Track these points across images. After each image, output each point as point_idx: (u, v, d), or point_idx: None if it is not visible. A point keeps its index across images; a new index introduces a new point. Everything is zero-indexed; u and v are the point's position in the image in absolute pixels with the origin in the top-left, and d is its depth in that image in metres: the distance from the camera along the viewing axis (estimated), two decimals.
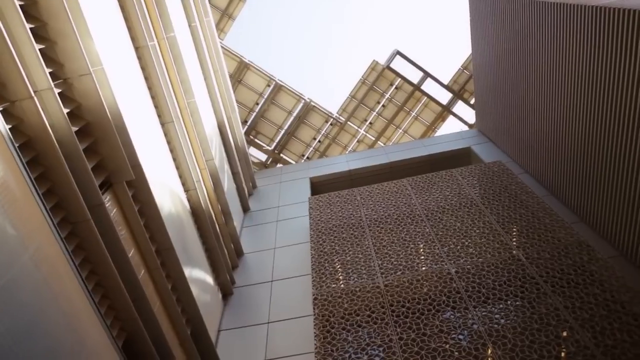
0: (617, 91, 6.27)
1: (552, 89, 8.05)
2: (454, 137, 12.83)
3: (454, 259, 6.89)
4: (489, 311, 5.85)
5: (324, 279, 6.98)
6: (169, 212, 5.66)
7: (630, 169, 6.28)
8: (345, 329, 6.01)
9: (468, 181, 9.06)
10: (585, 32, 6.73)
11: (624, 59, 5.98)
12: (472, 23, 11.71)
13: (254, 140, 15.34)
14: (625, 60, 5.96)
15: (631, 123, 6.07)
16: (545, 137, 8.69)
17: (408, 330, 5.76)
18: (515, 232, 7.35)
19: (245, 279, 7.89)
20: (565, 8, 7.14)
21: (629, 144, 6.21)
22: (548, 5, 7.67)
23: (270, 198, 10.94)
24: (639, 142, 6.00)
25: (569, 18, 7.12)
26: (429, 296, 6.26)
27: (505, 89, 10.24)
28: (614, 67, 6.24)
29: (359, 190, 9.50)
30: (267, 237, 9.15)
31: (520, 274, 6.30)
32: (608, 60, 6.34)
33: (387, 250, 7.40)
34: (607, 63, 6.37)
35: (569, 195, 8.19)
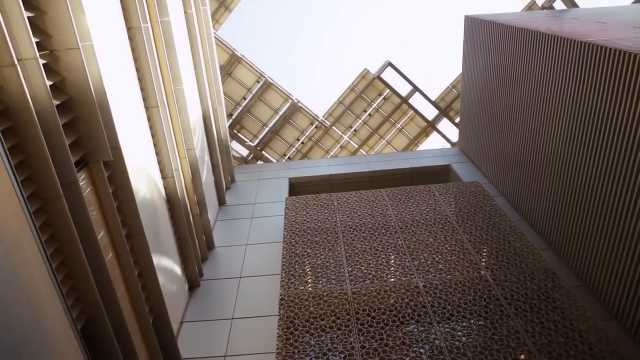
0: (593, 127, 6.44)
1: (532, 118, 8.22)
2: (435, 153, 12.98)
3: (423, 273, 6.95)
4: (451, 328, 5.92)
5: (292, 281, 6.97)
6: (143, 198, 5.58)
7: (599, 205, 6.45)
8: (308, 332, 6.00)
9: (445, 198, 9.17)
10: (569, 65, 6.90)
11: (604, 94, 6.14)
12: (465, 44, 11.88)
13: (237, 135, 15.24)
14: (604, 96, 6.12)
15: (603, 159, 6.24)
16: (522, 164, 8.87)
17: (371, 339, 5.79)
18: (485, 252, 7.46)
19: (213, 273, 7.81)
20: (553, 40, 7.31)
21: (600, 181, 6.38)
22: (537, 35, 7.83)
23: (248, 194, 10.87)
24: (608, 180, 6.17)
25: (555, 50, 7.28)
26: (394, 307, 6.30)
27: (489, 113, 10.42)
28: (593, 102, 6.41)
29: (336, 195, 9.52)
30: (240, 232, 9.10)
31: (485, 295, 6.39)
32: (588, 95, 6.50)
33: (358, 258, 7.42)
34: (587, 98, 6.53)
35: (540, 223, 8.36)
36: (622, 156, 5.92)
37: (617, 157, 6.03)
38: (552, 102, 7.61)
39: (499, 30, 9.57)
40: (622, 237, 6.05)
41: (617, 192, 6.08)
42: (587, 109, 6.61)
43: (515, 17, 10.34)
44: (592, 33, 7.30)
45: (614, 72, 5.96)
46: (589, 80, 6.51)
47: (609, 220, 6.30)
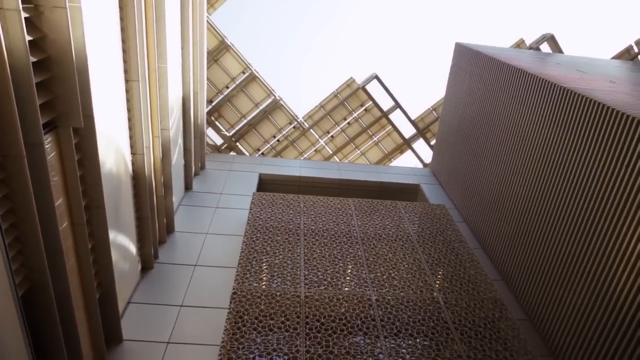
0: (557, 169, 6.66)
1: (503, 152, 8.45)
2: (407, 171, 13.16)
3: (377, 286, 7.02)
4: (397, 344, 5.99)
5: (247, 276, 6.92)
6: (109, 170, 5.44)
7: (552, 246, 6.67)
8: (256, 330, 5.97)
9: (409, 216, 9.30)
10: (545, 106, 7.13)
11: (572, 139, 6.37)
12: (452, 70, 12.12)
13: (214, 122, 15.06)
14: (573, 141, 6.35)
15: (563, 202, 6.46)
16: (488, 195, 9.09)
17: (317, 345, 5.80)
18: (440, 275, 7.59)
19: (169, 257, 7.68)
20: (534, 79, 7.54)
21: (557, 222, 6.60)
22: (519, 72, 8.06)
23: (216, 183, 10.76)
24: (565, 223, 6.39)
25: (534, 89, 7.51)
26: (345, 317, 6.34)
27: (464, 140, 10.64)
28: (561, 145, 6.63)
29: (304, 198, 9.52)
30: (203, 220, 8.98)
31: (435, 316, 6.50)
32: (558, 137, 6.73)
33: (316, 263, 7.43)
34: (556, 140, 6.76)
35: (496, 254, 8.58)
36: (579, 202, 6.14)
37: (575, 202, 6.25)
38: (523, 139, 7.83)
39: (485, 61, 9.80)
40: (570, 279, 6.27)
41: (571, 236, 6.30)
42: (555, 151, 6.84)
43: (503, 52, 10.62)
44: (571, 80, 7.57)
45: (585, 120, 6.19)
46: (561, 124, 6.74)
47: (560, 261, 6.52)
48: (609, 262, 5.57)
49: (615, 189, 5.56)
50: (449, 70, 12.24)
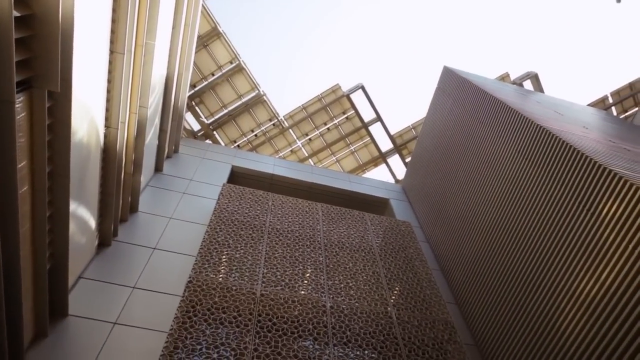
0: (522, 203, 6.85)
1: (473, 180, 8.63)
2: (379, 184, 13.28)
3: (334, 294, 7.04)
4: (345, 354, 6.02)
5: (205, 266, 6.84)
6: (79, 140, 5.30)
7: (507, 275, 6.84)
8: (206, 322, 5.90)
9: (375, 229, 9.38)
10: (519, 140, 7.33)
11: (539, 176, 6.56)
12: (437, 92, 12.32)
13: (194, 107, 14.86)
14: (539, 178, 6.54)
15: (522, 236, 6.64)
16: (453, 219, 9.25)
17: (266, 344, 5.77)
18: (396, 291, 7.68)
19: (129, 237, 7.52)
20: (513, 113, 7.74)
21: (514, 256, 6.77)
22: (500, 104, 8.26)
23: (187, 169, 10.61)
24: (521, 257, 6.57)
25: (511, 122, 7.71)
26: (297, 319, 6.33)
27: (437, 163, 10.82)
28: (528, 180, 6.83)
29: (273, 196, 9.48)
30: (168, 204, 8.83)
31: (386, 330, 6.57)
32: (526, 172, 6.92)
33: (276, 262, 7.41)
34: (524, 174, 6.95)
35: (453, 278, 8.74)
36: (538, 238, 6.32)
37: (534, 237, 6.43)
38: (494, 170, 8.02)
39: (469, 89, 10.00)
40: (521, 312, 6.43)
41: (526, 270, 6.48)
42: (522, 186, 7.03)
43: (488, 83, 10.86)
44: (548, 120, 7.80)
45: (555, 160, 6.38)
46: (532, 160, 6.93)
47: (513, 294, 6.69)
48: (559, 300, 5.75)
49: (573, 230, 5.74)
50: (434, 92, 12.43)
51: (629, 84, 17.24)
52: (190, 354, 5.42)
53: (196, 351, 5.47)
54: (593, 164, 5.68)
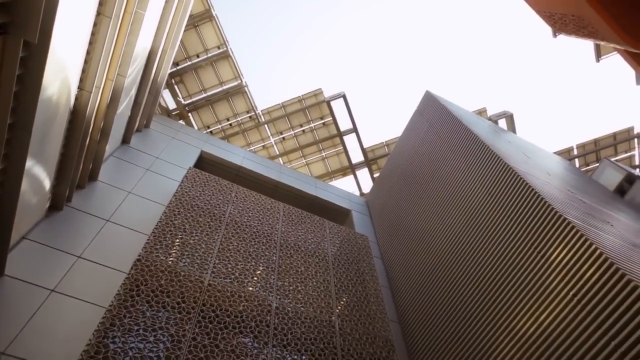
0: (476, 236, 7.04)
1: (434, 205, 8.81)
2: (343, 194, 13.36)
3: (281, 295, 7.03)
4: (283, 356, 6.01)
5: (157, 247, 6.70)
6: (49, 97, 5.11)
7: (454, 305, 7.00)
8: (148, 303, 5.78)
9: (332, 237, 9.42)
10: (486, 175, 7.53)
11: (500, 214, 6.76)
12: (415, 114, 12.52)
13: (173, 86, 14.60)
14: (499, 215, 6.74)
15: (475, 267, 6.82)
16: (408, 241, 9.41)
17: (205, 335, 5.70)
18: (343, 302, 7.73)
19: (83, 204, 7.29)
20: (484, 148, 7.95)
21: (463, 286, 6.95)
22: (474, 138, 8.47)
23: (155, 146, 10.38)
24: (470, 287, 6.74)
25: (481, 157, 7.92)
26: (241, 315, 6.28)
27: (403, 183, 10.99)
28: (488, 215, 7.02)
29: (237, 188, 9.40)
30: (130, 178, 8.62)
31: (327, 339, 6.60)
32: (486, 208, 7.12)
33: (229, 255, 7.34)
34: (486, 209, 7.15)
35: (401, 297, 8.86)
36: (488, 272, 6.50)
37: (484, 271, 6.61)
38: (456, 200, 8.21)
39: (447, 117, 10.21)
40: (462, 341, 6.59)
41: (473, 302, 6.64)
42: (480, 218, 7.22)
43: (465, 114, 11.12)
44: (516, 161, 8.05)
45: (516, 201, 6.59)
46: (493, 196, 7.13)
47: (457, 323, 6.84)
48: (497, 334, 5.92)
49: (522, 270, 5.93)
50: (413, 114, 12.64)
51: (594, 139, 18.01)
52: (126, 334, 5.29)
53: (133, 331, 5.34)
54: (550, 210, 5.89)
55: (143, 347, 5.25)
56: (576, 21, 5.78)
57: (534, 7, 6.34)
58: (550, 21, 6.33)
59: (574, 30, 6.19)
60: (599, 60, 13.46)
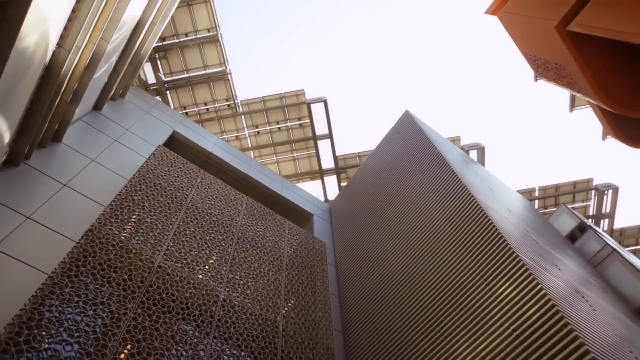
0: (429, 259, 7.18)
1: (393, 224, 8.93)
2: (309, 197, 13.37)
3: (231, 288, 6.97)
4: (222, 349, 5.95)
5: (112, 220, 6.54)
6: (24, 48, 4.93)
7: (400, 324, 7.10)
8: (94, 276, 5.62)
9: (290, 239, 9.41)
10: (449, 202, 7.70)
11: (455, 242, 6.91)
12: (391, 131, 12.67)
13: (156, 60, 14.31)
14: (454, 243, 6.90)
15: (421, 289, 6.95)
16: (364, 254, 9.50)
17: (147, 316, 5.58)
18: (291, 304, 7.72)
19: (42, 164, 7.03)
20: (452, 176, 8.12)
21: (410, 306, 7.06)
22: (443, 163, 8.65)
23: (128, 117, 10.14)
24: (417, 309, 6.86)
25: (447, 184, 8.09)
26: (187, 302, 6.19)
27: (368, 197, 11.10)
28: (442, 241, 7.17)
29: (204, 174, 9.29)
30: (96, 146, 8.38)
31: (269, 339, 6.57)
32: (443, 234, 7.27)
33: (185, 240, 7.23)
34: (441, 236, 7.30)
35: (349, 308, 8.92)
36: (436, 296, 6.64)
37: (432, 294, 6.74)
38: (416, 222, 8.35)
39: (422, 139, 10.39)
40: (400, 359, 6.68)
41: (418, 324, 6.76)
42: (436, 243, 7.36)
43: (439, 140, 11.34)
44: (480, 193, 8.26)
45: (474, 231, 6.76)
46: (452, 224, 7.29)
47: (398, 341, 6.94)
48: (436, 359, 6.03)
49: (468, 299, 6.08)
50: (389, 130, 12.79)
51: (556, 185, 18.68)
52: (65, 304, 5.13)
53: (72, 302, 5.18)
54: (505, 245, 6.07)
55: (81, 320, 5.10)
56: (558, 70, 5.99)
57: (521, 48, 6.53)
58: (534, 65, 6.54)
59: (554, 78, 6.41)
60: (573, 110, 13.98)
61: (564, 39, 4.76)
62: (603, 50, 4.72)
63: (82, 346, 4.92)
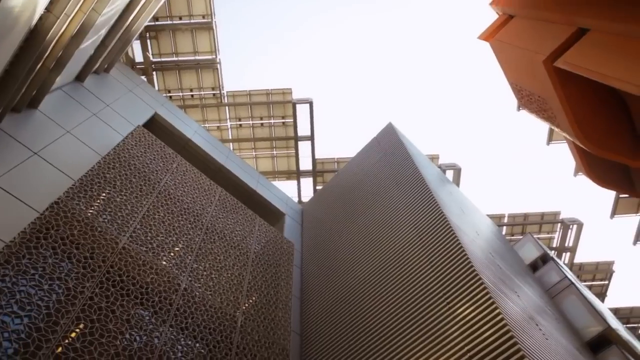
0: (393, 273, 7.25)
1: (361, 234, 8.99)
2: (283, 196, 13.35)
3: (193, 278, 6.89)
4: (177, 338, 5.88)
5: (81, 195, 6.39)
6: (9, 8, 4.79)
7: (357, 335, 7.14)
8: (54, 249, 5.48)
9: (259, 235, 9.37)
10: (419, 218, 7.79)
11: (418, 257, 7.00)
12: (372, 141, 12.76)
13: (146, 39, 14.07)
14: (418, 259, 6.99)
15: (383, 305, 7.02)
16: (330, 261, 9.53)
17: (104, 297, 5.47)
18: (252, 301, 7.69)
19: (13, 129, 6.82)
20: (426, 192, 8.23)
21: (367, 320, 7.12)
22: (419, 179, 8.75)
23: (109, 93, 9.94)
24: (374, 323, 6.92)
25: (420, 199, 8.19)
26: (147, 287, 6.09)
27: (341, 204, 11.15)
28: (407, 257, 7.26)
29: (180, 159, 9.17)
30: (72, 117, 8.18)
31: (226, 332, 6.52)
32: (409, 250, 7.36)
33: (153, 223, 7.12)
34: (407, 251, 7.38)
35: (309, 311, 8.93)
36: (396, 309, 6.71)
37: (393, 307, 6.81)
38: (386, 232, 8.42)
39: (401, 153, 10.49)
40: None
41: (373, 335, 6.81)
42: (404, 257, 7.44)
43: (418, 155, 11.48)
44: (451, 212, 8.39)
45: (441, 248, 6.86)
46: (422, 238, 7.38)
47: (354, 350, 6.97)
48: None
49: (427, 315, 6.16)
50: (370, 140, 12.89)
51: (524, 214, 19.12)
52: (20, 275, 4.98)
53: (28, 274, 5.04)
54: (469, 266, 6.18)
55: (34, 293, 4.96)
56: (540, 103, 6.14)
57: (508, 77, 6.68)
58: (518, 95, 6.69)
59: (536, 110, 6.57)
60: (550, 143, 14.34)
61: (549, 73, 4.89)
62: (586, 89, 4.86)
63: (32, 320, 4.79)
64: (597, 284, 20.34)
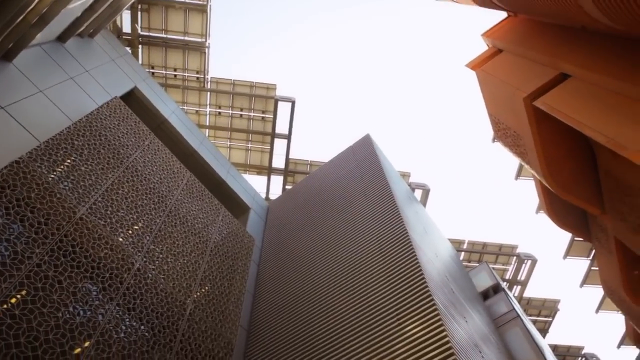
0: (351, 289, 7.31)
1: (323, 241, 9.03)
2: (250, 190, 13.27)
3: (149, 259, 6.76)
4: (122, 319, 5.76)
5: (44, 159, 6.19)
6: None
7: (303, 341, 7.16)
8: (7, 209, 5.29)
9: (221, 226, 9.28)
10: (386, 230, 7.88)
11: (381, 278, 7.08)
12: (347, 150, 12.83)
13: (137, 11, 13.78)
14: (380, 279, 7.06)
15: (335, 316, 7.06)
16: (288, 262, 9.52)
17: (52, 266, 5.31)
18: (205, 291, 7.60)
19: None
20: (392, 206, 8.33)
21: (319, 329, 7.15)
22: (387, 192, 8.85)
23: (90, 59, 9.67)
24: (325, 334, 6.96)
25: (386, 213, 8.28)
26: (99, 261, 5.95)
27: (306, 207, 11.16)
28: (368, 274, 7.32)
29: (153, 137, 9.01)
30: (48, 77, 7.92)
31: (173, 319, 6.42)
32: (371, 265, 7.43)
33: (115, 198, 6.96)
34: (369, 267, 7.45)
35: (260, 308, 8.89)
36: (346, 320, 6.75)
37: (344, 317, 6.86)
38: (347, 242, 8.48)
39: (374, 165, 10.59)
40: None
41: (321, 344, 6.83)
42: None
43: (390, 170, 11.61)
44: (414, 231, 8.51)
45: (400, 264, 6.95)
46: (382, 251, 7.46)
47: (299, 355, 6.98)
48: None
49: (378, 327, 6.22)
50: (346, 149, 12.96)
51: (483, 242, 19.57)
52: None
53: None
54: (423, 286, 6.28)
55: None
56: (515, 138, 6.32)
57: (488, 108, 6.85)
58: (495, 127, 6.86)
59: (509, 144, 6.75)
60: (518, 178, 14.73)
61: (527, 111, 5.04)
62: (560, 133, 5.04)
63: None
64: (541, 319, 20.98)
